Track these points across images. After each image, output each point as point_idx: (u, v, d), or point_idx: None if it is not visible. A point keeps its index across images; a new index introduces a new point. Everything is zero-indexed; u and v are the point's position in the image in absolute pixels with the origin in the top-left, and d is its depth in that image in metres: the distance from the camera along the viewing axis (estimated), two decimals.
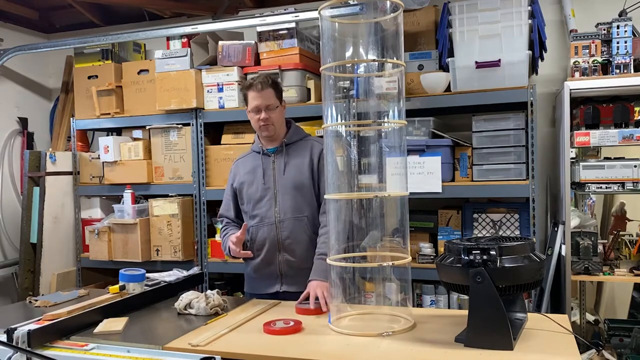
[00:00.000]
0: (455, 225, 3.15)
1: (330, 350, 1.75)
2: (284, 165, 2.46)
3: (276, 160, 2.48)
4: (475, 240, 1.83)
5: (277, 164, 2.47)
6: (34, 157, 3.87)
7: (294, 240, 2.43)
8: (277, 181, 2.45)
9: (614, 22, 2.85)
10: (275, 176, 2.46)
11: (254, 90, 2.39)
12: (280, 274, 2.45)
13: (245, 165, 2.55)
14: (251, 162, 2.54)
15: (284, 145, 2.48)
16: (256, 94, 2.38)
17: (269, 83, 2.40)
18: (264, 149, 2.50)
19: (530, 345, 1.72)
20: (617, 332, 3.16)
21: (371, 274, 2.33)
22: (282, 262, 2.44)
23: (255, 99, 2.39)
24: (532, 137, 2.86)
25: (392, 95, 2.13)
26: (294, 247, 2.43)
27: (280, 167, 2.46)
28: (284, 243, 2.43)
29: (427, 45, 3.30)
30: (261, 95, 2.38)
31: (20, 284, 3.84)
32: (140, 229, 3.49)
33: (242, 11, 4.04)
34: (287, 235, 2.43)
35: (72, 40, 3.79)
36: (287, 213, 2.43)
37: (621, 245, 3.14)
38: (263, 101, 2.38)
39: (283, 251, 2.44)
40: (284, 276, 2.45)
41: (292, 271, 2.44)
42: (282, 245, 2.44)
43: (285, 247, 2.44)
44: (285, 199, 2.43)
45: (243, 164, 2.56)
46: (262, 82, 2.38)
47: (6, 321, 2.00)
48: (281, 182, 2.45)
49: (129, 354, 1.77)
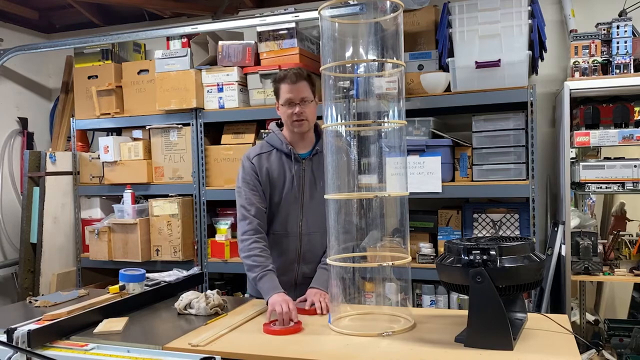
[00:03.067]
0: (455, 225, 3.15)
1: (330, 350, 1.75)
2: (315, 175, 2.31)
3: (306, 168, 2.31)
4: (475, 240, 1.83)
5: (307, 173, 2.31)
6: (34, 157, 3.87)
7: (313, 254, 2.35)
8: (306, 191, 2.31)
9: (614, 22, 2.85)
10: (303, 185, 2.31)
11: (288, 83, 2.23)
12: (295, 283, 2.38)
13: (272, 164, 2.32)
14: (278, 163, 2.32)
15: (318, 152, 2.31)
16: (290, 86, 2.23)
17: (303, 75, 2.25)
18: (295, 153, 2.31)
19: (530, 345, 1.72)
20: (617, 332, 3.16)
21: (371, 274, 2.34)
22: (299, 273, 2.37)
23: (289, 92, 2.23)
24: (532, 137, 2.86)
25: (392, 95, 2.13)
26: (313, 259, 2.36)
27: (310, 176, 2.31)
28: (305, 255, 2.35)
29: (427, 45, 3.30)
30: (296, 88, 2.23)
31: (20, 284, 3.84)
32: (140, 229, 3.49)
33: (242, 11, 4.04)
34: (309, 249, 2.34)
35: (72, 40, 3.79)
36: (312, 227, 2.32)
37: (621, 245, 3.14)
38: (298, 94, 2.23)
39: (302, 262, 2.36)
40: (299, 285, 2.38)
41: (307, 281, 2.35)
42: (302, 257, 2.36)
43: (304, 259, 2.36)
44: (312, 211, 2.30)
45: (268, 161, 2.33)
46: (296, 73, 2.24)
47: (6, 321, 2.00)
48: (309, 193, 2.31)
49: (129, 354, 1.77)
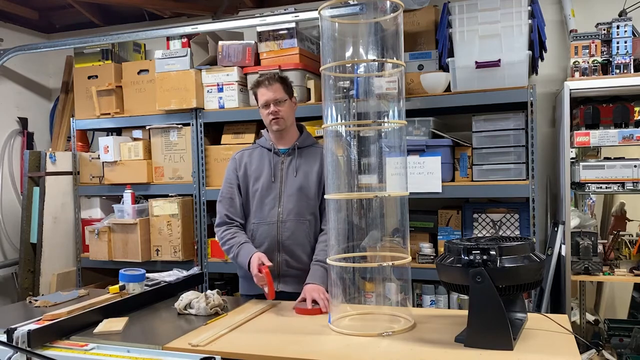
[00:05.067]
0: (455, 225, 3.15)
1: (330, 350, 1.75)
2: (294, 167, 2.46)
3: (285, 161, 2.48)
4: (475, 240, 1.83)
5: (286, 165, 2.48)
6: (34, 157, 3.87)
7: (294, 242, 2.43)
8: (285, 182, 2.46)
9: (614, 22, 2.85)
10: (283, 177, 2.47)
11: (263, 87, 2.44)
12: (278, 273, 2.45)
13: (252, 159, 2.53)
14: (258, 157, 2.52)
15: (296, 147, 2.48)
16: (264, 89, 2.43)
17: (275, 78, 2.45)
18: (275, 148, 2.50)
19: (530, 345, 1.72)
20: (617, 332, 3.16)
21: (371, 274, 2.34)
22: (280, 262, 2.44)
23: (264, 94, 2.43)
24: (532, 137, 2.86)
25: (392, 95, 2.13)
26: (294, 248, 2.43)
27: (289, 168, 2.47)
28: (284, 243, 2.43)
29: (427, 45, 3.30)
30: (269, 90, 2.42)
31: (20, 284, 3.84)
32: (140, 229, 3.49)
33: (242, 11, 4.04)
34: (288, 236, 2.43)
35: (72, 40, 3.79)
36: (290, 214, 2.43)
37: (621, 245, 3.14)
38: (271, 95, 2.41)
39: (282, 251, 2.44)
40: (282, 276, 2.45)
41: (290, 271, 2.44)
42: (282, 245, 2.44)
43: (285, 247, 2.44)
44: (290, 200, 2.43)
45: (249, 157, 2.54)
46: (269, 77, 2.44)
47: (6, 321, 2.00)
48: (288, 184, 2.45)
49: (129, 354, 1.77)
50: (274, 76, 2.45)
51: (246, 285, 2.56)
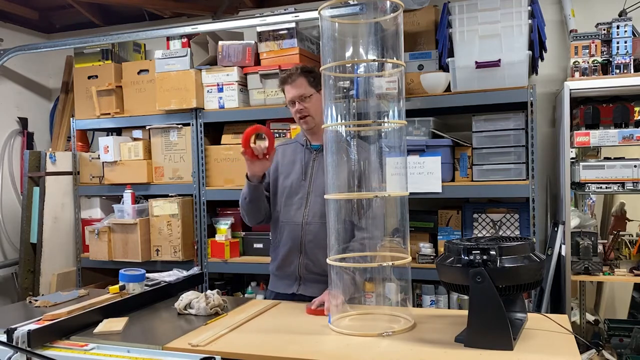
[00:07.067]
0: (455, 225, 3.15)
1: (330, 350, 1.75)
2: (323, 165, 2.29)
3: (317, 158, 2.37)
4: (475, 240, 1.83)
5: (317, 163, 2.36)
6: (34, 157, 3.87)
7: (316, 245, 2.31)
8: (314, 181, 2.35)
9: (614, 22, 2.85)
10: (312, 175, 2.36)
11: (287, 84, 2.33)
12: (299, 276, 2.38)
13: (286, 154, 2.44)
14: (292, 152, 2.44)
15: None
16: (289, 86, 2.33)
17: (298, 72, 2.32)
18: (308, 143, 2.41)
19: (530, 345, 1.72)
20: (617, 332, 3.16)
21: (371, 274, 2.33)
22: (301, 265, 2.36)
23: (289, 92, 2.33)
24: (532, 137, 2.86)
25: (392, 95, 2.13)
26: (316, 251, 2.32)
27: (320, 166, 2.33)
28: (307, 246, 2.34)
29: (427, 45, 3.30)
30: (293, 87, 2.32)
31: (20, 284, 3.84)
32: (140, 229, 3.49)
33: (242, 11, 4.04)
34: (311, 239, 2.33)
35: (72, 40, 3.79)
36: (315, 216, 2.32)
37: (621, 245, 3.14)
38: (295, 92, 2.31)
39: (304, 254, 2.35)
40: (302, 279, 2.38)
41: (310, 275, 2.35)
42: (304, 247, 2.35)
43: (306, 250, 2.34)
44: (317, 201, 2.31)
45: (283, 152, 2.45)
46: (292, 73, 2.32)
47: (6, 321, 2.00)
48: (317, 183, 2.33)
49: (129, 354, 1.77)
50: (296, 70, 2.31)
51: (273, 282, 2.50)
